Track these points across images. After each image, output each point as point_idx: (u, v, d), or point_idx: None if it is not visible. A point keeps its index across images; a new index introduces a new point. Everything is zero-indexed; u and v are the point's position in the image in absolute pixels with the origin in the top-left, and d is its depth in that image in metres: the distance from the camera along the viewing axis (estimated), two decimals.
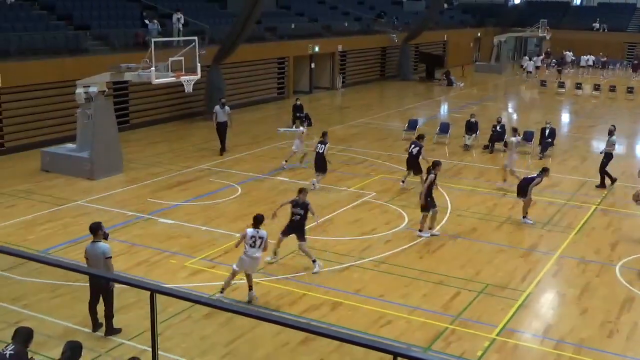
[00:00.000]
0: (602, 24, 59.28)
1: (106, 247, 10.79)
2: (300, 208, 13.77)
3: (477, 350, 10.81)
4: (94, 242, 10.82)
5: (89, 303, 10.86)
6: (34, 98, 23.77)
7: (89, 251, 10.84)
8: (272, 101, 35.49)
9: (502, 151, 23.11)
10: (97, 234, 10.83)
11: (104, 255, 10.66)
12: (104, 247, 10.74)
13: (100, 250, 10.70)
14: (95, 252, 10.71)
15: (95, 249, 10.74)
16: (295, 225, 13.84)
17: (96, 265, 10.58)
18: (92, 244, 10.82)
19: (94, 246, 10.77)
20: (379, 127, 29.37)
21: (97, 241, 10.80)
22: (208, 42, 30.09)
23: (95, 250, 10.72)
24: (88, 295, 10.85)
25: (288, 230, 13.94)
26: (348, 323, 11.48)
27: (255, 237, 12.10)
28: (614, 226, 17.02)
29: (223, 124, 23.38)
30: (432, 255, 14.71)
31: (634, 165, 23.81)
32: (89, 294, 10.85)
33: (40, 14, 27.47)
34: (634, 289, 13.24)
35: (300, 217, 13.76)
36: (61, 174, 20.09)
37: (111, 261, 10.79)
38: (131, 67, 20.03)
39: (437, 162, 16.32)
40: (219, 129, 23.43)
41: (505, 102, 40.19)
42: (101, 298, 10.79)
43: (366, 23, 45.86)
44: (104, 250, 10.71)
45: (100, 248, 10.72)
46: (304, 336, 10.60)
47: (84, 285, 12.22)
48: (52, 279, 12.41)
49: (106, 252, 10.69)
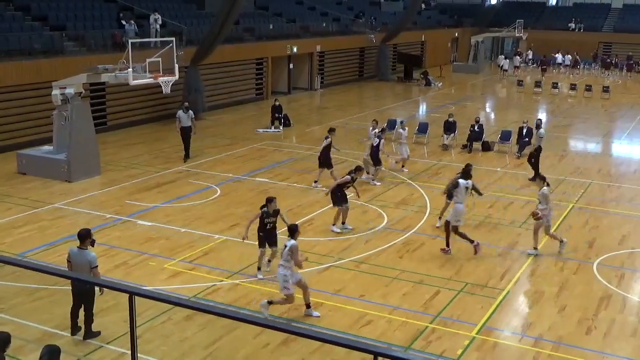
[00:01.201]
0: (578, 24, 59.91)
1: (93, 256, 10.61)
2: (272, 216, 13.35)
3: (457, 349, 10.86)
4: (80, 248, 10.63)
5: (72, 308, 10.71)
6: (10, 100, 23.52)
7: (74, 256, 10.65)
8: (250, 102, 35.41)
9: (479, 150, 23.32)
10: (85, 241, 10.64)
11: (91, 264, 10.48)
12: (91, 257, 10.56)
13: (87, 259, 10.51)
14: (82, 260, 10.51)
15: (82, 256, 10.55)
16: (269, 233, 13.41)
17: (80, 272, 10.42)
18: (79, 250, 10.63)
19: (81, 253, 10.58)
20: (357, 127, 29.42)
21: (84, 248, 10.62)
22: (186, 43, 30.01)
23: (82, 258, 10.53)
24: (67, 299, 10.73)
25: (263, 240, 13.42)
26: (329, 323, 11.49)
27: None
28: (590, 224, 17.20)
29: (187, 129, 22.33)
30: (412, 255, 14.76)
31: (610, 164, 24.12)
32: (71, 298, 10.71)
33: (15, 14, 27.14)
34: (611, 286, 13.39)
35: (272, 224, 13.38)
36: (38, 177, 19.88)
37: (97, 270, 10.63)
38: (108, 68, 19.89)
39: (359, 167, 16.69)
40: (183, 134, 22.42)
41: (483, 102, 40.46)
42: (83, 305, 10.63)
43: (344, 24, 45.94)
44: (91, 259, 10.53)
45: (87, 257, 10.53)
46: (285, 337, 10.60)
47: (62, 288, 12.11)
48: (30, 282, 12.27)
49: (92, 262, 10.51)
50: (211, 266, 13.87)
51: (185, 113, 22.25)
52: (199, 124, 29.05)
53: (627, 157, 25.70)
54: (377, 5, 56.32)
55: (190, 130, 22.38)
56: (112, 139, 25.57)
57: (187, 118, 22.24)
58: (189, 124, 22.29)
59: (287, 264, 11.49)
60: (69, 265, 10.68)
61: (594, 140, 28.40)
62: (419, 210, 17.80)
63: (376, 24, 47.18)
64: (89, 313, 10.66)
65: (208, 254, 14.47)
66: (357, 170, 16.36)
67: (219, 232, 15.79)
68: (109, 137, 25.49)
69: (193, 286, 12.88)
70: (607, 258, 14.90)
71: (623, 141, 28.34)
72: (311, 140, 25.78)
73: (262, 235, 13.41)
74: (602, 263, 14.59)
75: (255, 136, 26.77)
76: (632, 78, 50.83)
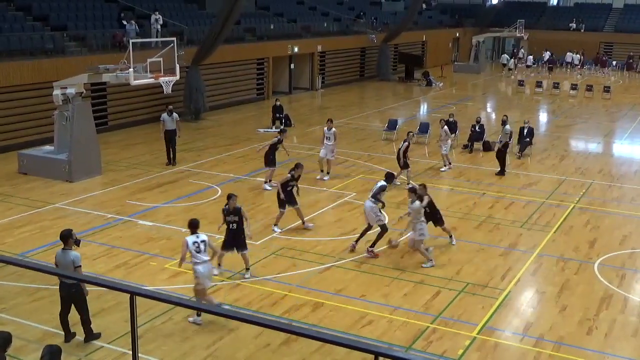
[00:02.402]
0: (579, 24, 59.87)
1: (76, 255, 10.59)
2: (233, 215, 12.93)
3: (458, 349, 10.86)
4: (64, 249, 10.62)
5: (60, 313, 10.63)
6: (11, 100, 23.53)
7: (59, 258, 10.64)
8: (251, 102, 35.40)
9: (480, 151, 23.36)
10: (68, 241, 10.62)
11: (74, 264, 10.46)
12: (74, 256, 10.54)
13: (71, 258, 10.49)
14: (66, 260, 10.51)
15: (65, 257, 10.54)
16: (234, 235, 13.04)
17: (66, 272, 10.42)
18: (63, 251, 10.62)
19: (65, 254, 10.57)
20: (359, 127, 29.42)
21: (67, 249, 10.60)
22: (187, 42, 30.01)
23: (66, 259, 10.52)
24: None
25: (228, 242, 13.12)
26: (329, 323, 11.49)
27: (198, 242, 11.30)
28: (592, 224, 17.19)
29: (171, 132, 21.59)
30: (413, 255, 14.75)
31: (611, 164, 24.10)
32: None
33: (17, 15, 27.16)
34: (612, 287, 13.38)
35: (236, 224, 12.96)
36: (39, 177, 19.89)
37: (81, 270, 10.61)
38: (109, 68, 19.88)
39: (298, 165, 16.19)
40: (167, 137, 21.64)
41: (484, 102, 40.45)
42: (73, 306, 10.56)
43: (345, 24, 45.93)
44: (74, 258, 10.50)
45: (71, 256, 10.51)
46: (286, 337, 10.59)
47: None
48: (31, 282, 12.28)
49: (76, 261, 10.49)
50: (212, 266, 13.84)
51: (170, 116, 21.52)
52: (199, 124, 29.19)
53: (629, 157, 25.68)
54: (378, 5, 56.32)
55: (174, 133, 21.64)
56: (113, 139, 25.57)
57: (171, 121, 21.50)
58: (173, 127, 21.54)
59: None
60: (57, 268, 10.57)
61: (595, 140, 28.37)
62: None
63: (377, 24, 47.18)
64: (85, 316, 10.59)
65: None
66: (296, 167, 16.05)
67: (219, 233, 15.77)
68: (110, 137, 25.50)
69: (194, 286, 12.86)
70: (608, 258, 14.89)
71: (624, 141, 28.32)
72: (312, 140, 25.78)
73: (225, 238, 13.12)
74: (603, 263, 14.59)
75: (256, 136, 26.76)
76: (629, 77, 50.83)
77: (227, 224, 13.05)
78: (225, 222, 13.07)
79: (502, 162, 21.52)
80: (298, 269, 13.86)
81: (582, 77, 49.57)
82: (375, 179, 20.38)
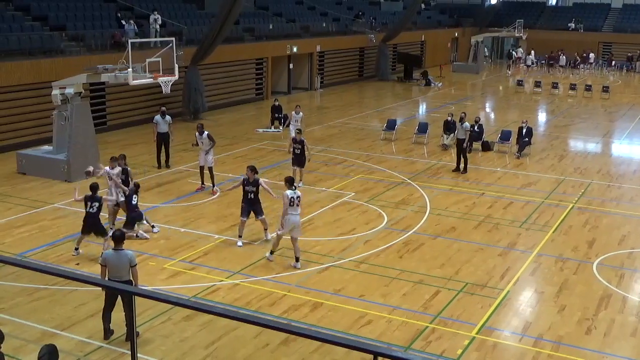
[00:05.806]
0: (578, 24, 59.91)
1: (133, 255, 10.60)
2: (252, 185, 14.30)
3: (457, 349, 10.86)
4: (116, 249, 10.49)
5: (103, 310, 10.60)
6: (9, 100, 23.51)
7: (110, 258, 10.46)
8: (250, 102, 35.40)
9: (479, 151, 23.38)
10: (121, 243, 10.55)
11: (131, 263, 10.43)
12: (131, 255, 10.53)
13: (128, 258, 10.44)
14: (121, 261, 10.40)
15: (120, 257, 10.43)
16: (252, 202, 14.45)
17: (119, 273, 10.36)
18: (116, 251, 10.47)
19: (119, 254, 10.44)
20: (357, 127, 29.42)
21: (120, 249, 10.50)
22: (186, 42, 30.00)
23: (121, 259, 10.42)
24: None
25: (245, 209, 14.48)
26: (329, 323, 11.49)
27: (294, 198, 13.20)
28: (590, 224, 17.19)
29: (164, 135, 21.03)
30: (412, 255, 14.76)
31: (610, 164, 24.12)
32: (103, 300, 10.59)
33: (15, 14, 27.14)
34: (611, 286, 13.39)
35: (253, 194, 14.40)
36: (37, 177, 19.88)
37: (136, 269, 10.58)
38: (108, 68, 19.87)
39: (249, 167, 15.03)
40: (159, 140, 21.10)
41: (482, 102, 40.46)
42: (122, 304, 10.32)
43: (344, 23, 45.92)
44: (131, 258, 10.49)
45: (128, 256, 10.47)
46: (285, 337, 10.60)
47: (62, 288, 12.15)
48: (30, 282, 12.27)
49: (132, 260, 10.47)
50: (211, 266, 13.87)
51: (163, 118, 20.97)
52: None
53: (627, 157, 25.69)
54: (377, 5, 56.30)
55: (167, 136, 21.15)
56: (112, 139, 25.55)
57: (164, 123, 20.97)
58: (166, 129, 21.02)
59: None
60: (103, 270, 10.49)
61: (594, 140, 28.38)
62: (419, 210, 17.80)
63: (376, 24, 47.19)
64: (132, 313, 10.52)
65: (208, 254, 14.47)
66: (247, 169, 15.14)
67: (219, 232, 15.79)
68: (108, 137, 25.48)
69: (193, 286, 12.88)
70: (607, 258, 14.90)
71: (623, 141, 28.33)
72: (311, 140, 25.72)
73: (243, 205, 14.45)
74: (602, 263, 14.59)
75: (255, 136, 26.77)
76: (628, 77, 50.90)
77: (246, 193, 14.21)
78: (244, 191, 14.30)
79: (459, 159, 21.75)
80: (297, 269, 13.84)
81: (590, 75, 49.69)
82: (375, 179, 20.49)
